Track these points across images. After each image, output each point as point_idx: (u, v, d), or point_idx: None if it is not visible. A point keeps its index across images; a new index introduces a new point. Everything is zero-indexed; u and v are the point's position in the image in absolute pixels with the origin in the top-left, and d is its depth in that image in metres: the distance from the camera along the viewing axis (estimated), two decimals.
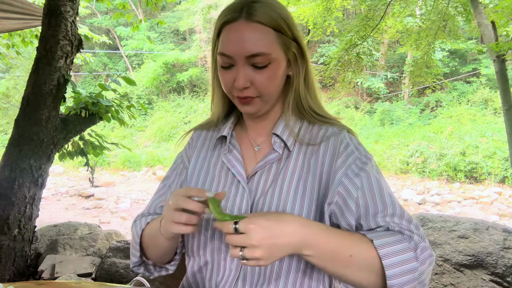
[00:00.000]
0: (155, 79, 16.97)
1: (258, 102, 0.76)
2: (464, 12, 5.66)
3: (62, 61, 2.51)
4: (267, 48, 0.71)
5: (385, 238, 0.65)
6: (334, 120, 0.82)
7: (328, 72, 6.28)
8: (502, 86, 4.05)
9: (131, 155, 12.73)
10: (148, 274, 0.88)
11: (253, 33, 0.70)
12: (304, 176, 0.76)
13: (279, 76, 0.75)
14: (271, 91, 0.76)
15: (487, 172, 9.72)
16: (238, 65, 0.72)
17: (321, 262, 0.64)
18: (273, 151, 0.80)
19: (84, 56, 5.75)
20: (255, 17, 0.70)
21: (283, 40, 0.73)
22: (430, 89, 7.51)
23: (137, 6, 17.21)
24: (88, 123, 2.83)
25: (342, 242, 0.64)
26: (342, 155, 0.75)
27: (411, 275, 0.63)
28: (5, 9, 3.00)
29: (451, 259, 2.34)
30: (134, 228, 0.86)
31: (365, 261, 0.64)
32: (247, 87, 0.73)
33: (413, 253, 0.64)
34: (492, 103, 12.25)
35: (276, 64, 0.73)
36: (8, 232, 2.44)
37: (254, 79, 0.73)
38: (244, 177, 0.80)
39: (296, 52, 0.77)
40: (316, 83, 0.83)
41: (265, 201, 0.76)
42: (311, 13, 6.40)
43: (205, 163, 0.87)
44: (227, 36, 0.72)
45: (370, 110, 14.64)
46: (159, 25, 16.70)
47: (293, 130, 0.80)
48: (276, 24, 0.72)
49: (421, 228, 0.71)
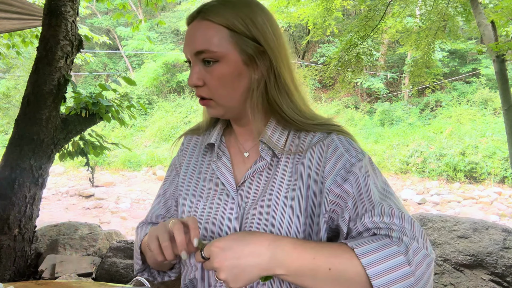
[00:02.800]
0: (155, 79, 16.97)
1: (215, 105, 0.75)
2: (464, 12, 5.67)
3: (62, 61, 2.51)
4: (214, 46, 0.70)
5: (368, 244, 0.59)
6: (324, 122, 0.77)
7: (328, 72, 6.29)
8: (501, 86, 4.05)
9: (131, 155, 12.73)
10: (152, 279, 0.89)
11: (202, 30, 0.71)
12: (292, 185, 0.74)
13: (230, 76, 0.72)
14: (224, 93, 0.73)
15: (487, 172, 9.72)
16: (192, 63, 0.73)
17: (297, 280, 0.59)
18: (261, 159, 0.78)
19: (84, 56, 5.76)
20: (207, 15, 0.71)
21: (236, 39, 0.70)
22: (430, 89, 7.51)
23: (137, 6, 17.22)
24: (88, 123, 2.83)
25: (318, 256, 0.59)
26: (331, 160, 0.72)
27: (406, 282, 0.57)
28: (5, 9, 3.01)
29: (451, 259, 2.34)
30: (136, 236, 0.88)
31: (346, 273, 0.58)
32: (199, 86, 0.73)
33: (403, 258, 0.58)
34: (492, 103, 12.26)
35: (225, 64, 0.71)
36: (8, 232, 2.45)
37: (205, 79, 0.73)
38: (233, 186, 0.79)
39: (256, 53, 0.72)
40: (298, 86, 0.78)
41: (255, 212, 0.75)
42: (311, 13, 6.41)
43: (196, 170, 0.87)
44: (185, 36, 0.74)
45: (370, 110, 14.64)
46: (159, 25, 16.67)
47: (278, 140, 0.77)
48: (228, 22, 0.70)
49: (417, 224, 0.64)
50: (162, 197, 0.91)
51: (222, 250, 0.59)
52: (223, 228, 0.77)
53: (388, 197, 0.67)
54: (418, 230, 0.62)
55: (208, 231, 0.78)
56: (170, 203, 0.90)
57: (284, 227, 0.72)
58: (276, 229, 0.72)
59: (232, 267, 0.58)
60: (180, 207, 0.85)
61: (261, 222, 0.73)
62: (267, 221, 0.73)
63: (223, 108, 0.76)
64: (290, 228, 0.72)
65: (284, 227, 0.72)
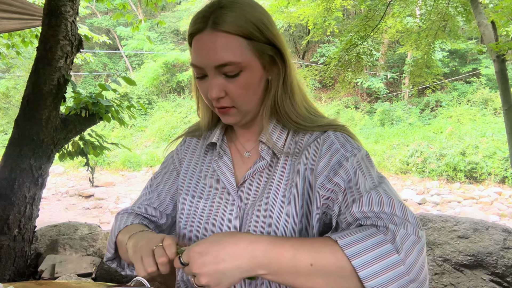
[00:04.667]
0: (155, 79, 16.97)
1: (235, 113, 0.74)
2: (464, 12, 5.67)
3: (62, 61, 2.51)
4: (236, 57, 0.68)
5: (352, 235, 0.56)
6: (326, 123, 0.77)
7: (328, 72, 6.29)
8: (502, 86, 4.05)
9: (131, 155, 12.73)
10: (120, 269, 0.87)
11: (219, 43, 0.67)
12: (290, 185, 0.74)
13: (254, 83, 0.72)
14: (247, 100, 0.73)
15: (487, 172, 9.72)
16: (209, 75, 0.70)
17: (280, 278, 0.58)
18: (261, 159, 0.78)
19: (84, 56, 5.76)
20: (220, 26, 0.67)
21: (254, 46, 0.70)
22: (430, 89, 7.52)
23: (137, 6, 17.22)
24: (88, 123, 2.83)
25: (299, 252, 0.57)
26: (326, 156, 0.71)
27: (396, 270, 0.53)
28: (5, 9, 3.00)
29: (451, 259, 2.34)
30: (115, 223, 0.85)
31: (330, 267, 0.55)
32: (221, 97, 0.71)
33: (391, 245, 0.54)
34: (492, 103, 12.26)
35: (249, 72, 0.70)
36: (8, 232, 2.44)
37: (227, 88, 0.70)
38: (233, 186, 0.79)
39: (274, 55, 0.73)
40: (301, 85, 0.79)
41: (254, 212, 0.75)
42: (311, 13, 6.41)
43: (197, 168, 0.87)
44: (195, 48, 0.70)
45: (370, 110, 14.64)
46: (159, 25, 16.67)
47: (277, 140, 0.77)
48: (245, 31, 0.68)
49: (409, 210, 0.61)
50: (155, 189, 0.90)
51: (200, 255, 0.58)
52: (223, 228, 0.77)
53: (380, 185, 0.65)
54: (410, 215, 0.60)
55: (208, 230, 0.79)
56: (163, 197, 0.89)
57: (281, 226, 0.72)
58: (273, 228, 0.72)
59: (212, 272, 0.57)
60: (180, 205, 0.85)
61: (259, 221, 0.74)
62: (264, 221, 0.73)
63: (243, 114, 0.75)
64: (287, 227, 0.72)
65: (281, 226, 0.72)
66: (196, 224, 0.80)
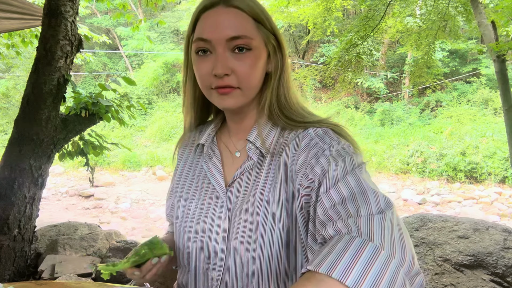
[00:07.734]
0: (155, 79, 16.97)
1: (238, 95, 0.71)
2: (464, 12, 5.67)
3: (62, 61, 2.51)
4: (249, 32, 0.68)
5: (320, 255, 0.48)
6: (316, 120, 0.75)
7: (328, 72, 6.30)
8: (502, 86, 4.05)
9: (131, 155, 12.73)
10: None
11: (233, 17, 0.68)
12: (274, 184, 0.72)
13: (259, 68, 0.71)
14: (252, 82, 0.71)
15: (487, 172, 9.72)
16: (217, 50, 0.68)
17: None
18: (249, 158, 0.77)
19: (84, 56, 5.75)
20: (234, 2, 0.68)
21: (262, 30, 0.71)
22: (430, 89, 7.54)
23: (137, 6, 17.20)
24: (88, 123, 2.83)
25: None
26: (304, 152, 0.69)
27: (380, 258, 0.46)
28: (5, 9, 3.00)
29: (451, 259, 2.34)
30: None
31: None
32: (227, 74, 0.68)
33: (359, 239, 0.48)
34: (492, 103, 12.26)
35: (257, 53, 0.70)
36: (8, 232, 2.44)
37: (235, 67, 0.68)
38: (222, 187, 0.78)
39: (276, 46, 0.74)
40: (293, 85, 0.79)
41: (242, 213, 0.74)
42: (311, 13, 6.41)
43: (190, 170, 0.87)
44: (205, 22, 0.69)
45: (370, 110, 14.64)
46: (159, 25, 16.65)
47: (266, 138, 0.76)
48: (255, 13, 0.70)
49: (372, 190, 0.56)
50: (171, 193, 0.92)
51: None
52: (213, 229, 0.77)
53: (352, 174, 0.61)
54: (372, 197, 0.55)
55: (199, 231, 0.79)
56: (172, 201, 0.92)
57: (267, 227, 0.70)
58: (259, 230, 0.70)
59: None
60: (176, 208, 0.86)
61: (247, 223, 0.72)
62: (252, 222, 0.72)
63: (245, 98, 0.73)
64: (273, 228, 0.69)
65: (267, 227, 0.70)
66: (188, 225, 0.80)
